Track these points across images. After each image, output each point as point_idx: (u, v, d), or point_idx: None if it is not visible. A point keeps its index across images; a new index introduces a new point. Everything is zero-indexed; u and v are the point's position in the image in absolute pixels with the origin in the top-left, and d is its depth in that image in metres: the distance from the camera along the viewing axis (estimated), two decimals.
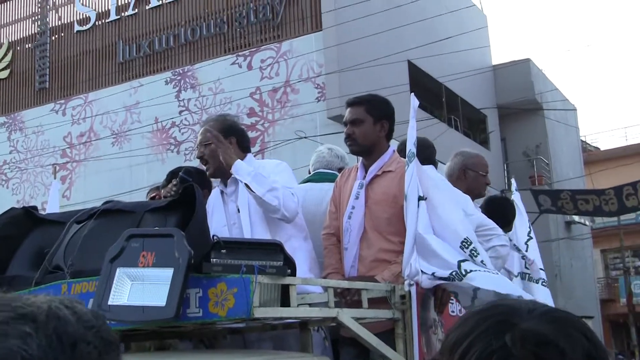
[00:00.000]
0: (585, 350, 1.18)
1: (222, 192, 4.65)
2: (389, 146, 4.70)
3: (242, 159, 4.58)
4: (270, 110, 17.61)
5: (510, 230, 6.47)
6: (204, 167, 4.77)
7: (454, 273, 3.95)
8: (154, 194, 5.66)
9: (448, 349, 1.26)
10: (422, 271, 3.97)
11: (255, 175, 4.30)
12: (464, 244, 4.14)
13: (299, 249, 4.30)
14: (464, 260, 3.99)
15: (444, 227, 4.15)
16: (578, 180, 26.88)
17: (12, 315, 0.98)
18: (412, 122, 4.34)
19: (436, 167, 5.61)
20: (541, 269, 7.03)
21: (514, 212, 6.59)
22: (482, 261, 4.08)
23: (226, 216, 4.56)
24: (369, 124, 4.59)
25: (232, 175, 4.55)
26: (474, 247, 4.10)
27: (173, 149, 18.64)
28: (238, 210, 4.48)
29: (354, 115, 4.63)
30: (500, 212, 6.21)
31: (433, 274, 3.95)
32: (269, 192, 4.26)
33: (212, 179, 4.95)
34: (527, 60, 25.90)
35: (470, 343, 1.21)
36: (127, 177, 18.58)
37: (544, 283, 6.85)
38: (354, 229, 4.46)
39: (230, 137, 4.60)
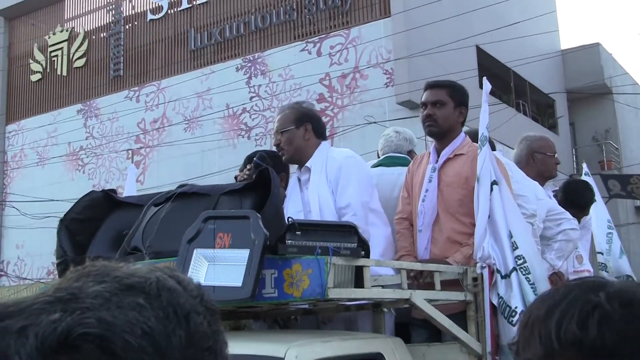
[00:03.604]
0: None
1: (298, 179, 4.69)
2: (461, 132, 4.71)
3: (317, 146, 4.63)
4: (340, 96, 17.62)
5: (586, 214, 6.40)
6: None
7: (503, 273, 4.00)
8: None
9: (539, 320, 1.26)
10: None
11: None
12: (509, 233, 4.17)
13: (375, 236, 4.33)
14: (514, 270, 3.99)
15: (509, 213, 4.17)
16: None
17: (117, 287, 0.94)
18: (484, 106, 4.34)
19: None
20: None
21: (592, 197, 6.49)
22: (520, 255, 4.06)
23: (302, 203, 4.60)
24: (450, 107, 4.60)
25: (305, 164, 4.60)
26: (514, 240, 4.09)
27: (244, 135, 18.78)
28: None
29: (436, 97, 4.63)
30: (578, 195, 6.14)
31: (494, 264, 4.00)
32: None
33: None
34: (597, 45, 25.39)
35: (567, 305, 1.23)
36: (199, 162, 18.79)
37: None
38: (428, 212, 4.48)
39: (305, 124, 4.63)
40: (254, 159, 4.73)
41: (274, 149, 4.85)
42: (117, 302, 0.92)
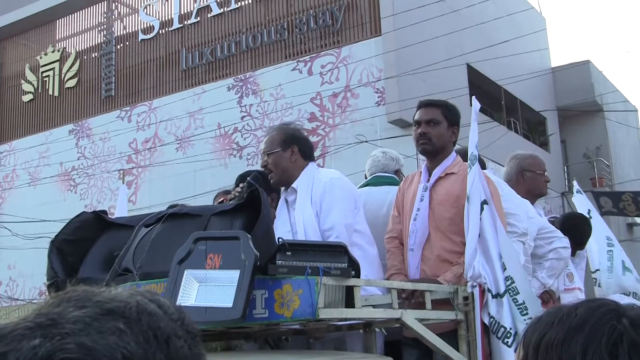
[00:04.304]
0: None
1: (285, 199, 4.70)
2: (452, 151, 4.73)
3: (303, 167, 4.65)
4: (331, 115, 17.64)
5: (583, 249, 6.45)
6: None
7: (494, 292, 4.00)
8: (221, 198, 5.71)
9: (558, 343, 1.25)
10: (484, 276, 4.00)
11: None
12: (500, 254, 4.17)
13: (359, 258, 4.33)
14: (505, 292, 3.99)
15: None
16: None
17: (98, 311, 0.95)
18: (473, 125, 4.36)
19: None
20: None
21: (590, 232, 6.53)
22: (508, 275, 4.05)
23: (290, 223, 4.61)
24: (444, 126, 4.62)
25: (292, 185, 4.61)
26: (503, 261, 4.08)
27: (236, 154, 18.78)
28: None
29: (430, 116, 4.64)
30: (577, 231, 6.13)
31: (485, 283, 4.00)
32: None
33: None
34: (587, 62, 25.51)
35: (591, 331, 1.23)
36: (191, 182, 18.76)
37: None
38: (420, 231, 4.49)
39: (292, 146, 4.64)
40: (248, 178, 4.73)
41: (240, 186, 4.86)
42: (98, 327, 0.92)
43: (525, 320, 3.91)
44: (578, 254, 6.28)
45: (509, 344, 3.89)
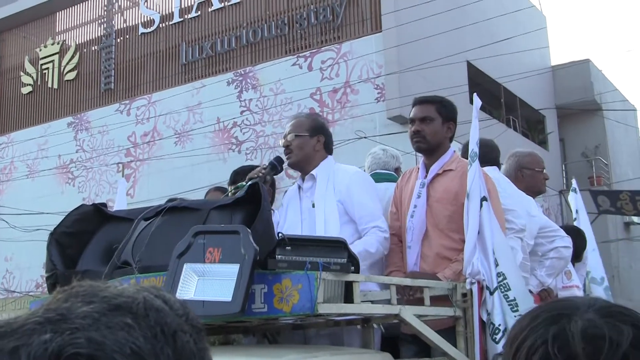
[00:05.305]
0: (631, 340, 1.19)
1: (299, 187, 4.73)
2: (449, 147, 4.73)
3: (323, 158, 4.68)
4: (331, 111, 17.64)
5: (580, 261, 6.46)
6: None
7: (489, 287, 4.00)
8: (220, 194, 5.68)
9: (509, 342, 1.29)
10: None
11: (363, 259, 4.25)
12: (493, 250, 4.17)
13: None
14: (496, 288, 4.00)
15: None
16: (638, 180, 26.38)
17: (106, 307, 0.96)
18: (474, 122, 4.36)
19: (499, 169, 5.62)
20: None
21: (585, 244, 6.54)
22: (500, 272, 4.05)
23: (300, 210, 4.64)
24: (438, 123, 4.61)
25: (311, 171, 4.63)
26: (496, 257, 4.08)
27: (234, 149, 18.79)
28: (313, 205, 4.55)
29: (424, 113, 4.64)
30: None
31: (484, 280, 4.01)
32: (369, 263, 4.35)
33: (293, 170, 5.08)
34: (587, 61, 25.56)
35: (525, 336, 1.25)
36: (189, 176, 18.73)
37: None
38: (417, 228, 4.48)
39: (319, 135, 4.69)
40: (271, 159, 4.73)
41: (262, 164, 4.87)
42: (106, 322, 0.94)
43: (515, 316, 3.92)
44: (577, 265, 6.32)
45: (497, 340, 3.90)
